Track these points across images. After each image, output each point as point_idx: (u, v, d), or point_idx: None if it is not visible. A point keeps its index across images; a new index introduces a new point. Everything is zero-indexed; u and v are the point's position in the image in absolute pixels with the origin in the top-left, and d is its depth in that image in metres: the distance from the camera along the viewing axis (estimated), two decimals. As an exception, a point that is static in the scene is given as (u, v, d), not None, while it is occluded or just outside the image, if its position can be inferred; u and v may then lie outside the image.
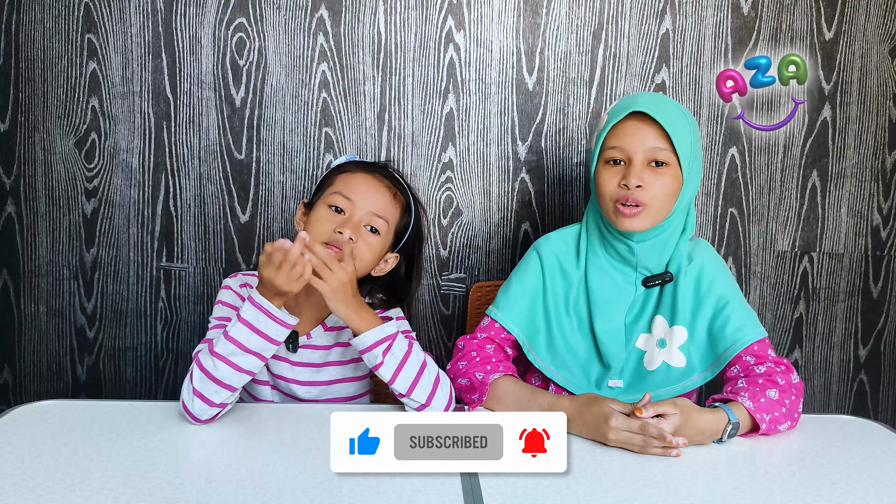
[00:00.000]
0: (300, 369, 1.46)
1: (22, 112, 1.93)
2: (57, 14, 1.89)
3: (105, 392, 2.02)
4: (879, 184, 2.02)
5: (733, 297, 1.45)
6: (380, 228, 1.42)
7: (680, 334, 1.44)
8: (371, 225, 1.41)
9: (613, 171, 1.41)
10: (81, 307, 2.00)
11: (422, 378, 1.32)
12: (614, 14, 1.93)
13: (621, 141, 1.40)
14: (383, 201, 1.43)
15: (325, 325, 1.47)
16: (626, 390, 1.47)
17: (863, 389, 2.10)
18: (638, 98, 1.44)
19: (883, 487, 1.13)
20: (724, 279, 1.47)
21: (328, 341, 1.48)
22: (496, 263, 2.00)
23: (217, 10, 1.90)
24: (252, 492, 1.05)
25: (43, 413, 1.31)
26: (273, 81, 1.92)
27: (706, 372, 1.44)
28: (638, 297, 1.47)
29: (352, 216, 1.39)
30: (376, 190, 1.43)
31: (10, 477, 1.08)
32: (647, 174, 1.38)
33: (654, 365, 1.45)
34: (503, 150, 1.96)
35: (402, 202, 1.47)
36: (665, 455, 1.21)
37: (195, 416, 1.27)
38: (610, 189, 1.41)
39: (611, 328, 1.46)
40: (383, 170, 1.49)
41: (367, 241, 1.40)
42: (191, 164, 1.95)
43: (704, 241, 1.54)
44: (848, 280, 2.05)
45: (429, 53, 1.92)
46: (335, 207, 1.40)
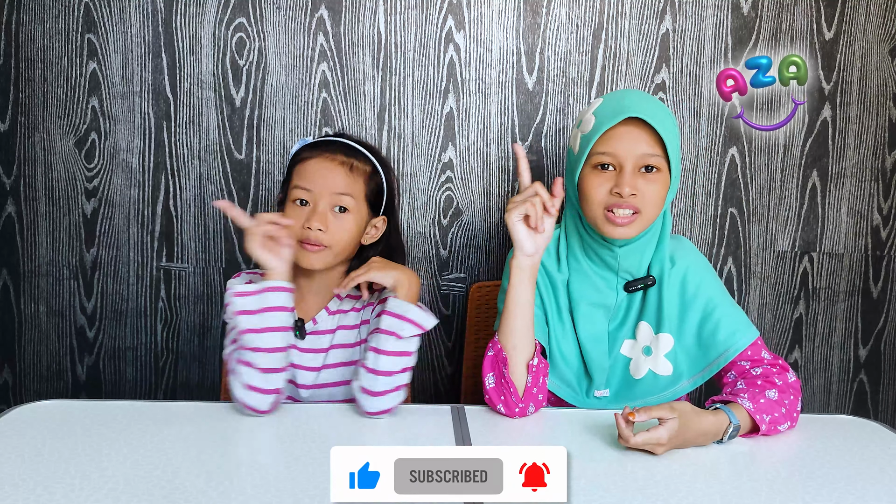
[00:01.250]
0: (308, 356, 1.48)
1: (22, 112, 1.93)
2: (57, 14, 1.89)
3: (105, 392, 2.02)
4: (879, 184, 2.02)
5: (721, 299, 1.43)
6: (347, 205, 1.43)
7: (666, 342, 1.42)
8: (338, 205, 1.42)
9: (603, 177, 1.37)
10: (81, 307, 2.00)
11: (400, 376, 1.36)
12: (614, 14, 1.93)
13: (613, 146, 1.36)
14: (341, 179, 1.43)
15: (329, 309, 1.49)
16: (613, 399, 1.46)
17: (863, 389, 2.10)
18: (626, 101, 1.38)
19: (883, 487, 1.13)
20: (710, 281, 1.45)
21: (332, 325, 1.49)
22: (496, 263, 2.00)
23: (217, 9, 1.90)
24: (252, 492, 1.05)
25: (43, 413, 1.32)
26: (273, 81, 1.92)
27: (696, 378, 1.43)
28: (621, 303, 1.45)
29: (316, 206, 1.42)
30: (330, 171, 1.43)
31: (10, 477, 1.08)
32: (638, 181, 1.35)
33: (640, 373, 1.43)
34: (503, 150, 1.96)
35: (363, 170, 1.47)
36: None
37: (256, 408, 1.32)
38: (599, 196, 1.37)
39: (593, 334, 1.44)
40: (336, 144, 1.48)
41: (340, 224, 1.42)
42: (191, 164, 1.95)
43: (686, 239, 1.51)
44: (848, 280, 2.05)
45: (429, 53, 1.92)
46: (299, 201, 1.43)
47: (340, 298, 1.49)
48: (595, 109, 1.40)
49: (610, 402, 1.45)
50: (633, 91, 1.70)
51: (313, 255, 1.41)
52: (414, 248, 1.99)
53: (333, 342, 1.49)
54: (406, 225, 1.97)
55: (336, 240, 1.42)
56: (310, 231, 1.40)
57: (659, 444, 1.20)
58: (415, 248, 1.99)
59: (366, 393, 1.34)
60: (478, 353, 1.82)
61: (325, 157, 1.45)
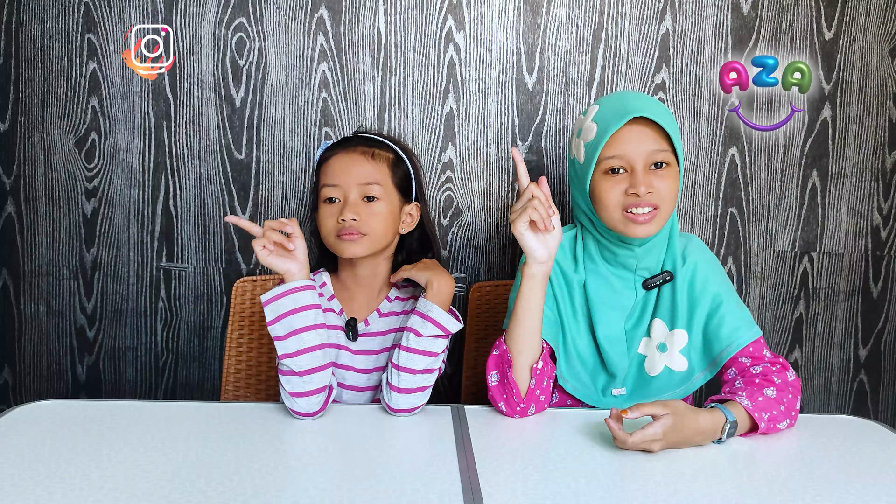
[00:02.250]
0: (360, 358, 1.48)
1: (22, 112, 1.93)
2: (57, 14, 1.89)
3: (105, 392, 2.02)
4: (879, 184, 2.02)
5: (727, 296, 1.44)
6: (375, 194, 1.44)
7: (681, 338, 1.43)
8: (366, 195, 1.43)
9: (615, 180, 1.37)
10: (81, 307, 2.00)
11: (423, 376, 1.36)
12: (614, 14, 1.93)
13: (621, 149, 1.36)
14: (365, 168, 1.44)
15: (381, 311, 1.50)
16: (629, 398, 1.46)
17: (863, 389, 2.10)
18: (626, 102, 1.38)
19: (883, 487, 1.13)
20: (718, 278, 1.46)
21: (384, 327, 1.49)
22: (496, 263, 2.00)
23: (217, 10, 1.90)
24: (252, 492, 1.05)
25: (43, 413, 1.32)
26: (273, 81, 1.92)
27: (705, 372, 1.44)
28: (638, 301, 1.45)
29: (346, 199, 1.43)
30: (353, 162, 1.45)
31: (10, 477, 1.08)
32: (651, 178, 1.35)
33: (656, 370, 1.44)
34: (503, 150, 1.96)
35: (387, 157, 1.48)
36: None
37: (305, 412, 1.33)
38: (615, 199, 1.37)
39: (612, 335, 1.44)
40: (356, 139, 1.50)
41: (371, 211, 1.43)
42: (191, 164, 1.95)
43: (696, 237, 1.51)
44: (848, 280, 2.05)
45: (429, 53, 1.92)
46: (329, 199, 1.44)
47: (398, 287, 1.50)
48: (594, 116, 1.39)
49: (626, 400, 1.46)
50: (629, 92, 1.69)
51: (353, 245, 1.42)
52: (414, 248, 1.98)
53: (384, 345, 1.49)
54: (406, 225, 1.97)
55: (371, 227, 1.42)
56: (343, 223, 1.41)
57: (655, 440, 1.20)
58: (415, 248, 1.98)
59: (389, 387, 1.36)
60: (478, 354, 1.82)
61: (347, 151, 1.46)
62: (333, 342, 1.45)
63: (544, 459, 1.21)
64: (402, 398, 1.35)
